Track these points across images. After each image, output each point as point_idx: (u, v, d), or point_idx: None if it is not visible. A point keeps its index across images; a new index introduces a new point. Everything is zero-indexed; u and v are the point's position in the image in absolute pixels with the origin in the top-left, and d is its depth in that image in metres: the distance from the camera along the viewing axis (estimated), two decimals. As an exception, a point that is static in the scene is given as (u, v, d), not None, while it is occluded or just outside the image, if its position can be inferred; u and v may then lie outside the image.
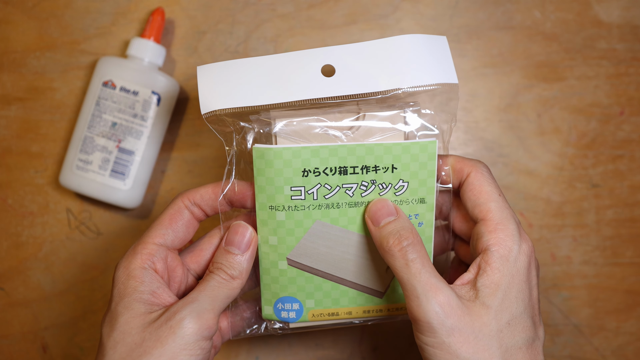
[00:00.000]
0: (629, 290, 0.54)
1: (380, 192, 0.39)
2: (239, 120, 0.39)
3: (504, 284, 0.36)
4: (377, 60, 0.38)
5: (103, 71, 0.51)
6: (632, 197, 0.54)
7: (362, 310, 0.42)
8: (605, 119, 0.54)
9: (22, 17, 0.54)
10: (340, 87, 0.38)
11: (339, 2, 0.54)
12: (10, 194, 0.54)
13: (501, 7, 0.54)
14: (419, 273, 0.35)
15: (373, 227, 0.38)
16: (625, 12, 0.54)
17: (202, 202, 0.40)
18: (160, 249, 0.38)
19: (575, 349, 0.53)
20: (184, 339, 0.34)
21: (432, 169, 0.39)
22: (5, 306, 0.53)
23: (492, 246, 0.36)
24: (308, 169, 0.38)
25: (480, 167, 0.39)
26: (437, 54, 0.39)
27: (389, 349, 0.53)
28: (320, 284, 0.41)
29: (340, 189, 0.39)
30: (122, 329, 0.35)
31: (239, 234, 0.39)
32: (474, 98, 0.54)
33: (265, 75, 0.38)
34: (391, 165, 0.38)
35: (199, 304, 0.36)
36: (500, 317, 0.35)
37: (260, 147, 0.38)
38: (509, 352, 0.35)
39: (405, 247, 0.36)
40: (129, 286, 0.37)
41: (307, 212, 0.39)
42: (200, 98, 0.38)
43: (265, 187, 0.39)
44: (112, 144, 0.50)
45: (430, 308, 0.34)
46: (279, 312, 0.41)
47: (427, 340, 0.35)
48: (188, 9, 0.54)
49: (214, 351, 0.41)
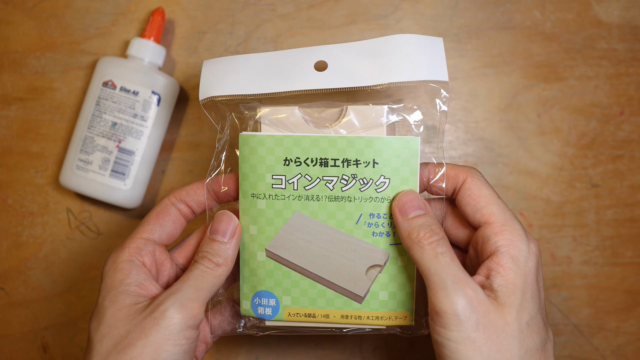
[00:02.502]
0: (629, 290, 0.54)
1: (361, 188, 0.39)
2: (233, 109, 0.40)
3: (520, 284, 0.35)
4: (370, 58, 0.39)
5: (103, 71, 0.51)
6: (632, 197, 0.54)
7: (339, 315, 0.41)
8: (605, 119, 0.54)
9: (23, 17, 0.54)
10: (330, 80, 0.38)
11: (339, 2, 0.54)
12: (11, 194, 0.54)
13: (501, 7, 0.54)
14: (448, 266, 0.35)
15: (400, 217, 0.38)
16: (625, 12, 0.54)
17: (188, 198, 0.41)
18: (148, 243, 0.39)
19: (575, 349, 0.53)
20: (168, 329, 0.35)
21: (415, 166, 0.39)
22: (5, 306, 0.53)
23: (501, 247, 0.36)
24: (289, 158, 0.39)
25: (475, 172, 0.39)
26: (430, 53, 0.39)
27: (389, 349, 0.53)
28: (298, 280, 0.41)
29: (321, 180, 0.39)
30: (108, 322, 0.36)
31: (223, 222, 0.39)
32: (474, 98, 0.54)
33: (261, 68, 0.39)
34: (372, 160, 0.39)
35: (183, 293, 0.36)
36: (521, 317, 0.35)
37: (246, 134, 0.39)
38: (528, 353, 0.35)
39: (435, 241, 0.36)
40: (115, 279, 0.37)
41: (287, 202, 0.39)
42: (200, 87, 0.40)
43: (249, 174, 0.39)
44: (112, 144, 0.50)
45: (459, 300, 0.34)
46: (255, 307, 0.41)
47: (451, 335, 0.34)
48: (188, 9, 0.54)
49: (205, 347, 0.41)
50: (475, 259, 0.39)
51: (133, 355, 0.34)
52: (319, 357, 0.53)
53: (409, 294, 0.40)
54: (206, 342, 0.41)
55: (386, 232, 0.40)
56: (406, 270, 0.40)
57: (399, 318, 0.41)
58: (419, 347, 0.53)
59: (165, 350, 0.34)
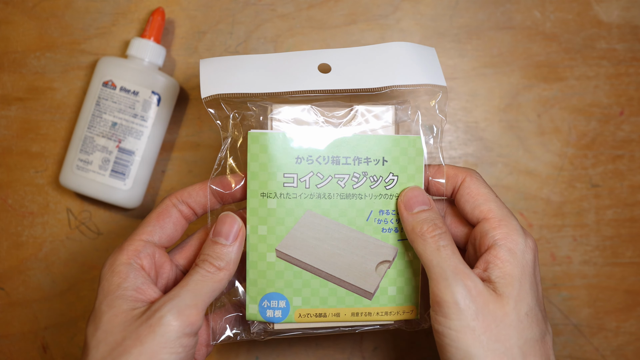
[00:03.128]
0: (628, 290, 0.54)
1: (372, 185, 0.40)
2: (236, 107, 0.40)
3: (517, 275, 0.36)
4: (371, 63, 0.40)
5: (103, 71, 0.51)
6: (632, 197, 0.54)
7: (350, 313, 0.41)
8: (605, 119, 0.54)
9: (23, 17, 0.54)
10: (335, 82, 0.39)
11: (339, 2, 0.54)
12: (11, 194, 0.54)
13: (501, 7, 0.54)
14: (449, 258, 0.36)
15: (406, 211, 0.39)
16: (625, 12, 0.54)
17: (189, 199, 0.40)
18: (147, 245, 0.38)
19: (575, 349, 0.53)
20: (164, 337, 0.34)
21: (420, 164, 0.40)
22: (5, 306, 0.53)
23: (499, 240, 0.37)
24: (301, 156, 0.39)
25: (474, 173, 0.41)
26: (426, 60, 0.41)
27: (389, 349, 0.53)
28: (309, 279, 0.40)
29: (333, 179, 0.39)
30: (104, 327, 0.35)
31: (226, 224, 0.38)
32: (474, 98, 0.54)
33: (266, 68, 0.39)
34: (382, 158, 0.40)
35: (181, 299, 0.35)
36: (520, 308, 0.36)
37: (256, 132, 0.39)
38: (527, 344, 0.35)
39: (438, 234, 0.37)
40: (112, 283, 0.36)
41: (298, 200, 0.39)
42: (202, 85, 0.39)
43: (259, 173, 0.39)
44: (112, 144, 0.50)
45: (459, 290, 0.35)
46: (264, 310, 0.40)
47: (452, 323, 0.35)
48: (188, 9, 0.54)
49: (205, 350, 0.40)
50: (474, 255, 0.40)
51: None
52: (319, 357, 0.53)
53: (414, 288, 0.41)
54: (207, 346, 0.41)
55: (394, 228, 0.41)
56: (412, 265, 0.41)
57: (406, 312, 0.42)
58: (419, 347, 0.53)
59: (160, 359, 0.34)
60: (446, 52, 0.54)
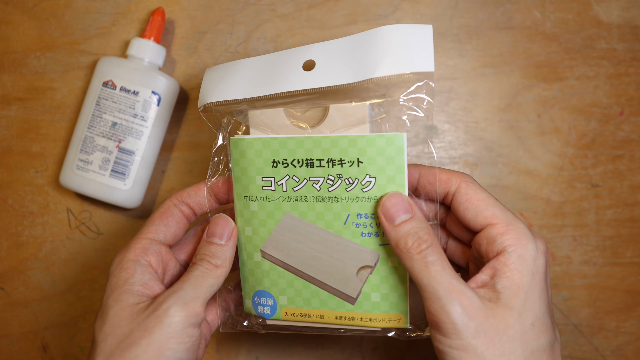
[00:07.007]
0: (628, 290, 0.54)
1: (347, 188, 0.38)
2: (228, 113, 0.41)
3: (526, 285, 0.35)
4: (355, 53, 0.37)
5: (103, 71, 0.51)
6: (632, 197, 0.54)
7: (334, 316, 0.41)
8: (605, 119, 0.54)
9: (23, 17, 0.54)
10: (314, 80, 0.38)
11: (339, 2, 0.54)
12: (11, 194, 0.54)
13: (501, 7, 0.54)
14: (439, 275, 0.34)
15: (387, 224, 0.37)
16: (625, 12, 0.54)
17: (189, 199, 0.41)
18: (154, 243, 0.39)
19: (575, 348, 0.53)
20: (171, 327, 0.35)
21: (401, 164, 0.37)
22: (5, 306, 0.53)
23: (508, 247, 0.35)
24: (277, 159, 0.39)
25: (468, 178, 0.39)
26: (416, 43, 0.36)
27: (389, 349, 0.53)
28: (292, 280, 0.41)
29: (308, 181, 0.39)
30: (111, 321, 0.36)
31: (220, 225, 0.40)
32: (474, 98, 0.54)
33: (252, 72, 0.40)
34: (356, 159, 0.38)
35: (184, 292, 0.36)
36: (524, 319, 0.34)
37: (235, 138, 0.40)
38: (533, 355, 0.34)
39: (424, 249, 0.35)
40: (120, 278, 0.37)
41: (277, 203, 0.40)
42: (199, 95, 0.40)
43: (240, 177, 0.40)
44: (112, 144, 0.50)
45: (454, 309, 0.33)
46: (255, 306, 0.42)
47: (452, 342, 0.34)
48: (188, 9, 0.54)
49: (203, 342, 0.41)
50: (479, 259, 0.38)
51: (137, 353, 0.34)
52: (319, 357, 0.53)
53: (402, 296, 0.40)
54: (205, 338, 0.42)
55: (374, 233, 0.39)
56: (397, 271, 0.39)
57: (392, 320, 0.40)
58: (419, 347, 0.53)
59: (168, 349, 0.35)
60: (446, 52, 0.54)
